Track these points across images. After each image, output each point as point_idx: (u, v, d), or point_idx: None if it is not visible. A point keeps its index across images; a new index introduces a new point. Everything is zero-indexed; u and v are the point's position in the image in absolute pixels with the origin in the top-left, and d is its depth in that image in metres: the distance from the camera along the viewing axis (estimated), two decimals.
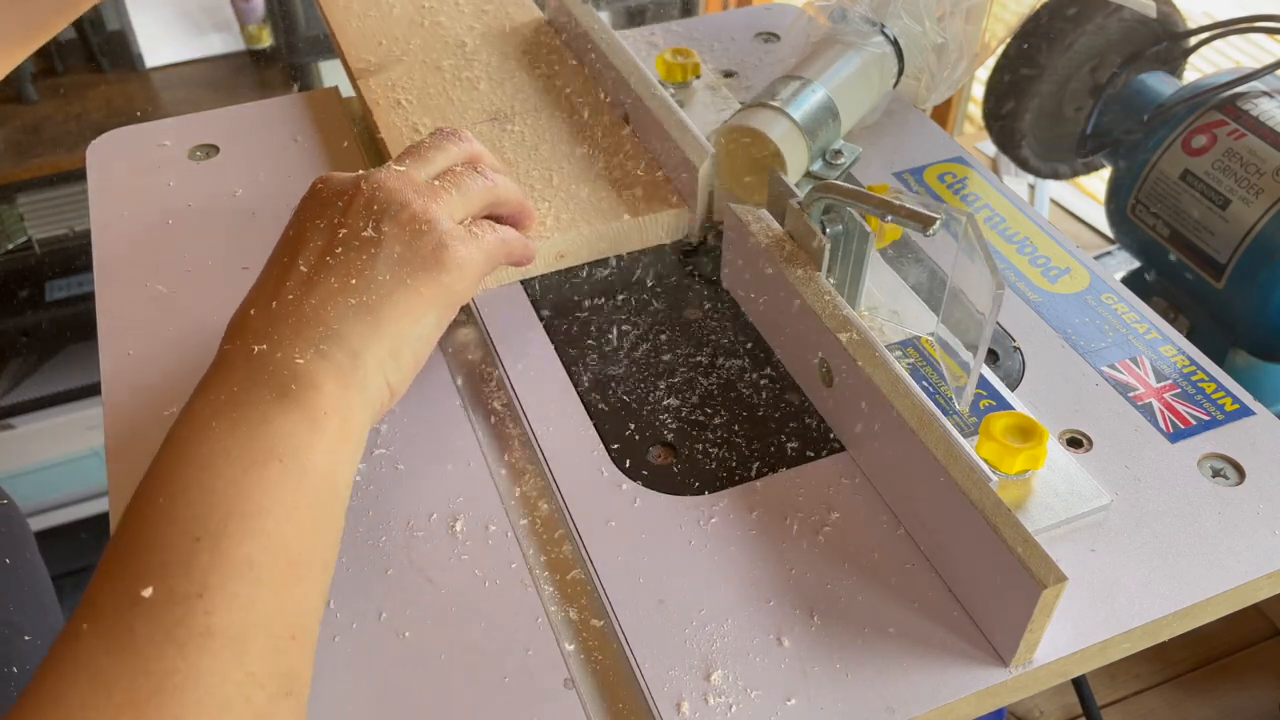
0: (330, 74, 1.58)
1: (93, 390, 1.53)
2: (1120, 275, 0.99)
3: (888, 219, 0.46)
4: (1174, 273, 0.89)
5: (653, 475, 0.47)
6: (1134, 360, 0.53)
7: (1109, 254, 1.22)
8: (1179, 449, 0.49)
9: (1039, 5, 0.91)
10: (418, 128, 0.62)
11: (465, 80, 0.67)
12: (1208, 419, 0.50)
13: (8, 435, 1.52)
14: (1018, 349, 0.54)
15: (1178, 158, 0.85)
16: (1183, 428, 0.50)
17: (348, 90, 0.70)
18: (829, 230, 0.49)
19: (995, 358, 0.53)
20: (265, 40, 1.58)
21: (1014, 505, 0.45)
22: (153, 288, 0.56)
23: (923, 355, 0.52)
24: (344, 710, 0.39)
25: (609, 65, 0.63)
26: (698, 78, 0.70)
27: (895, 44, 0.63)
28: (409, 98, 0.65)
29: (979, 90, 1.03)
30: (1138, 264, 0.97)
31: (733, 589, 0.43)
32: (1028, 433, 0.45)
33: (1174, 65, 0.95)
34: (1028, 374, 0.52)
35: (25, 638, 0.67)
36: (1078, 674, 0.43)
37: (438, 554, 0.44)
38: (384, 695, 0.39)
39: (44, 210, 1.49)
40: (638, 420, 0.50)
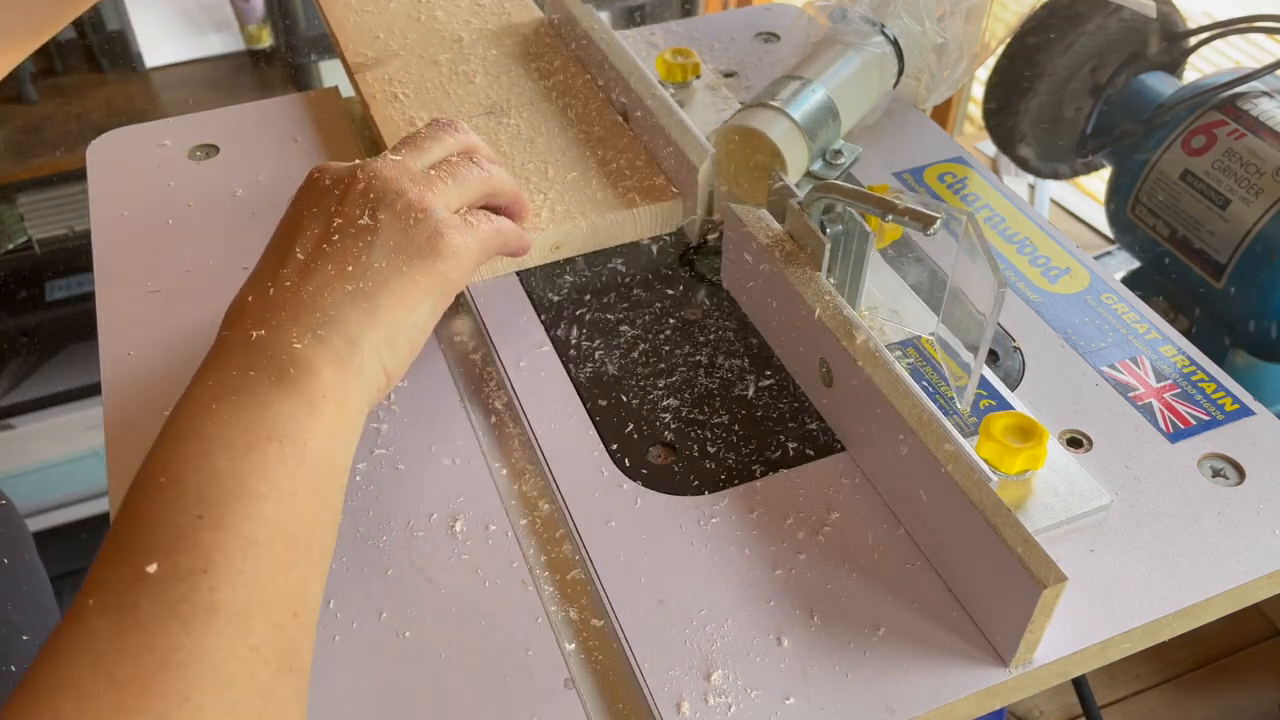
0: (330, 74, 1.58)
1: (93, 390, 1.53)
2: (1120, 275, 0.99)
3: (888, 219, 0.46)
4: (1174, 273, 0.89)
5: (653, 475, 0.47)
6: (1134, 360, 0.53)
7: (1109, 254, 1.22)
8: (1179, 449, 0.49)
9: (1039, 5, 0.91)
10: (414, 121, 0.62)
11: (462, 74, 0.67)
12: (1208, 419, 0.50)
13: (8, 435, 1.52)
14: (1018, 349, 0.54)
15: (1178, 158, 0.85)
16: (1183, 428, 0.50)
17: (348, 90, 0.70)
18: (829, 230, 0.49)
19: (995, 358, 0.53)
20: (265, 40, 1.58)
21: (1014, 505, 0.45)
22: (153, 288, 0.56)
23: (923, 355, 0.52)
24: (344, 710, 0.39)
25: (609, 65, 0.63)
26: (698, 78, 0.70)
27: (895, 44, 0.63)
28: (406, 91, 0.65)
29: (979, 90, 1.03)
30: (1138, 264, 0.97)
31: (733, 589, 0.43)
32: (1028, 433, 0.45)
33: (1174, 65, 0.95)
34: (1028, 374, 0.52)
35: (24, 637, 0.67)
36: (1078, 674, 0.43)
37: (438, 554, 0.44)
38: (384, 695, 0.39)
39: (44, 210, 1.49)
40: (638, 420, 0.50)
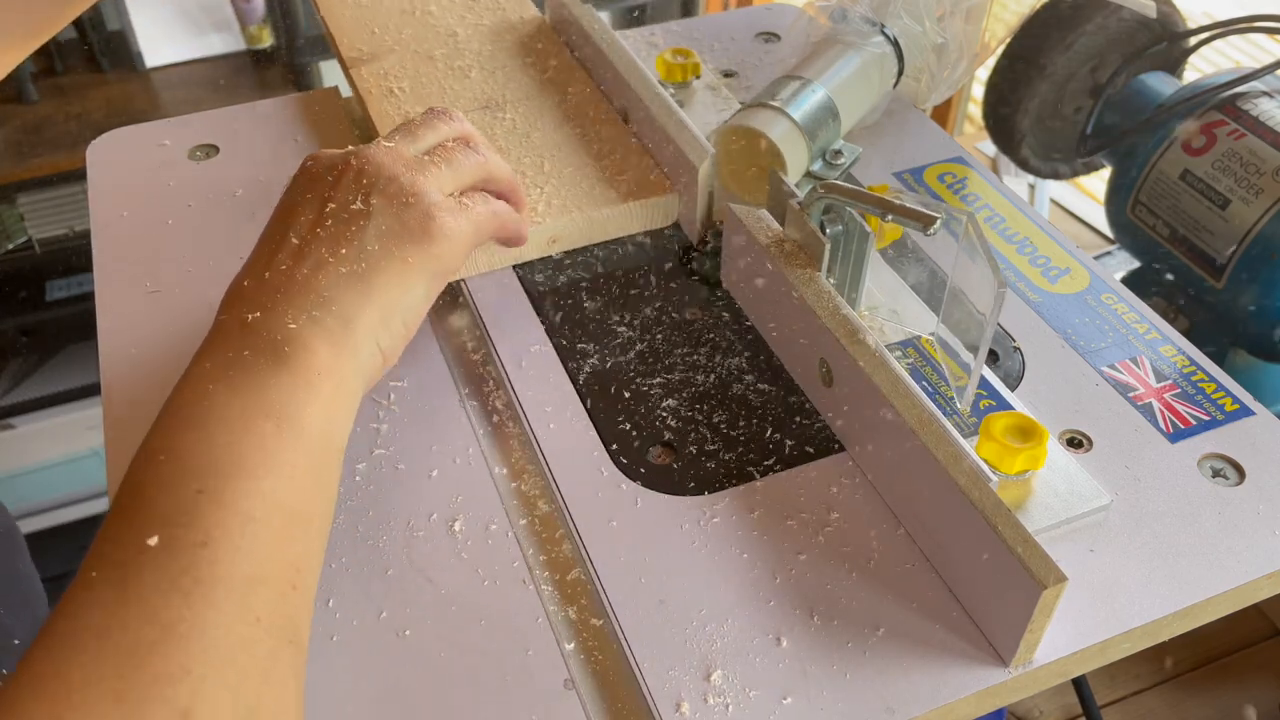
0: (330, 74, 1.57)
1: (93, 390, 1.53)
2: (1120, 275, 0.99)
3: (888, 219, 0.46)
4: (1174, 273, 0.89)
5: (653, 475, 0.47)
6: (1134, 360, 0.53)
7: (1109, 254, 1.22)
8: (1179, 449, 0.49)
9: (1039, 5, 0.91)
10: (411, 116, 0.62)
11: (457, 69, 0.67)
12: (1208, 419, 0.50)
13: (8, 435, 1.52)
14: (1018, 349, 0.54)
15: (1178, 158, 0.85)
16: (1183, 428, 0.50)
17: (348, 91, 0.70)
18: (829, 230, 0.49)
19: (995, 358, 0.53)
20: (265, 40, 1.58)
21: (1014, 505, 0.45)
22: (153, 288, 0.56)
23: (923, 355, 0.52)
24: (344, 710, 0.39)
25: (609, 65, 0.63)
26: (698, 78, 0.70)
27: (895, 44, 0.63)
28: (401, 86, 0.65)
29: (979, 90, 1.03)
30: (1138, 264, 0.97)
31: (733, 589, 0.43)
32: (1028, 433, 0.45)
33: (1174, 65, 0.95)
34: (1028, 374, 0.52)
35: (15, 641, 0.67)
36: (1078, 674, 0.43)
37: (438, 554, 0.44)
38: (384, 695, 0.39)
39: (44, 210, 1.49)
40: (638, 420, 0.50)
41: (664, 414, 0.50)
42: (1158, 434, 0.49)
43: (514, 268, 0.57)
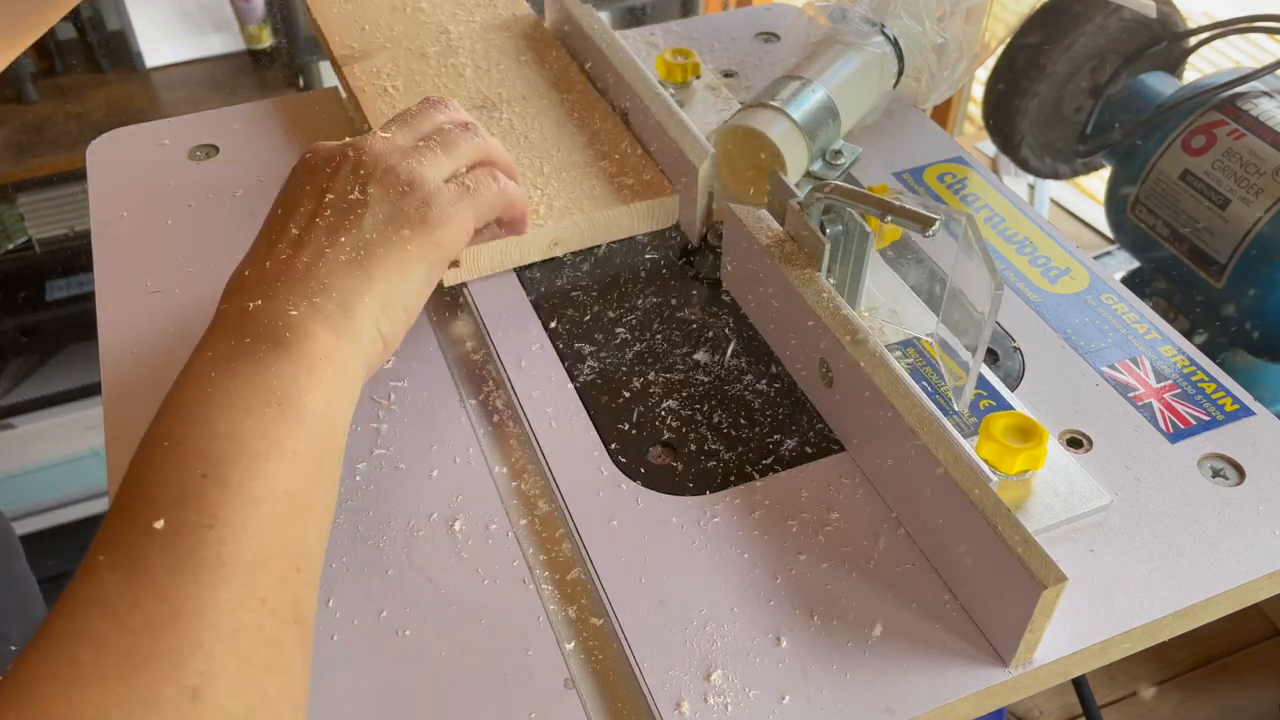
0: (330, 74, 1.57)
1: (93, 390, 1.53)
2: (1120, 275, 0.99)
3: (888, 219, 0.46)
4: (1174, 272, 0.89)
5: (653, 475, 0.47)
6: (1134, 360, 0.53)
7: (1109, 254, 1.22)
8: (1179, 449, 0.49)
9: (1039, 5, 0.91)
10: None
11: (451, 67, 0.67)
12: (1208, 419, 0.50)
13: (8, 435, 1.52)
14: (1018, 349, 0.54)
15: (1178, 158, 0.85)
16: (1183, 428, 0.50)
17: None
18: (829, 230, 0.49)
19: (995, 358, 0.53)
20: (265, 40, 1.58)
21: (1014, 505, 0.45)
22: (153, 288, 0.56)
23: (923, 355, 0.52)
24: (344, 710, 0.39)
25: (609, 65, 0.63)
26: (698, 78, 0.70)
27: (895, 44, 0.63)
28: (395, 85, 0.65)
29: (979, 90, 1.03)
30: (1138, 264, 0.97)
31: (733, 589, 0.43)
32: (1028, 433, 0.45)
33: (1174, 65, 0.95)
34: (1028, 374, 0.52)
35: (12, 648, 0.67)
36: (1078, 674, 0.43)
37: (438, 554, 0.44)
38: (384, 695, 0.39)
39: (44, 210, 1.49)
40: (638, 420, 0.50)
41: (664, 414, 0.50)
42: (1158, 434, 0.49)
43: (514, 269, 0.57)
